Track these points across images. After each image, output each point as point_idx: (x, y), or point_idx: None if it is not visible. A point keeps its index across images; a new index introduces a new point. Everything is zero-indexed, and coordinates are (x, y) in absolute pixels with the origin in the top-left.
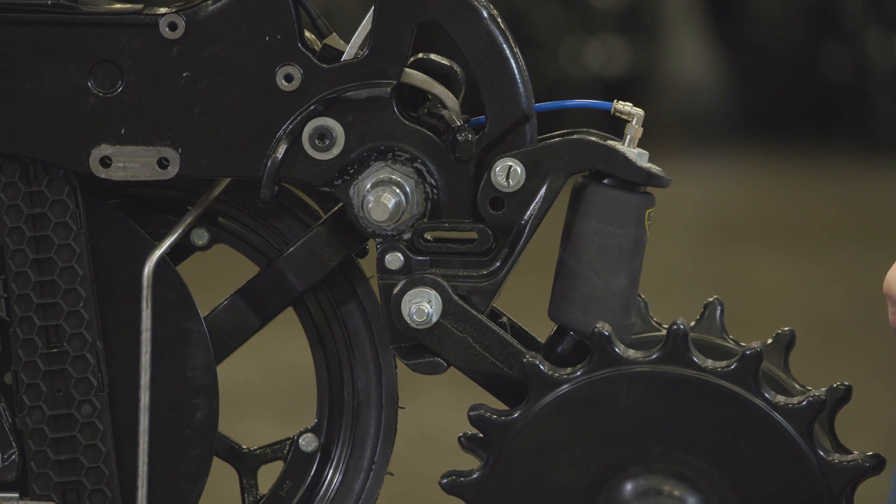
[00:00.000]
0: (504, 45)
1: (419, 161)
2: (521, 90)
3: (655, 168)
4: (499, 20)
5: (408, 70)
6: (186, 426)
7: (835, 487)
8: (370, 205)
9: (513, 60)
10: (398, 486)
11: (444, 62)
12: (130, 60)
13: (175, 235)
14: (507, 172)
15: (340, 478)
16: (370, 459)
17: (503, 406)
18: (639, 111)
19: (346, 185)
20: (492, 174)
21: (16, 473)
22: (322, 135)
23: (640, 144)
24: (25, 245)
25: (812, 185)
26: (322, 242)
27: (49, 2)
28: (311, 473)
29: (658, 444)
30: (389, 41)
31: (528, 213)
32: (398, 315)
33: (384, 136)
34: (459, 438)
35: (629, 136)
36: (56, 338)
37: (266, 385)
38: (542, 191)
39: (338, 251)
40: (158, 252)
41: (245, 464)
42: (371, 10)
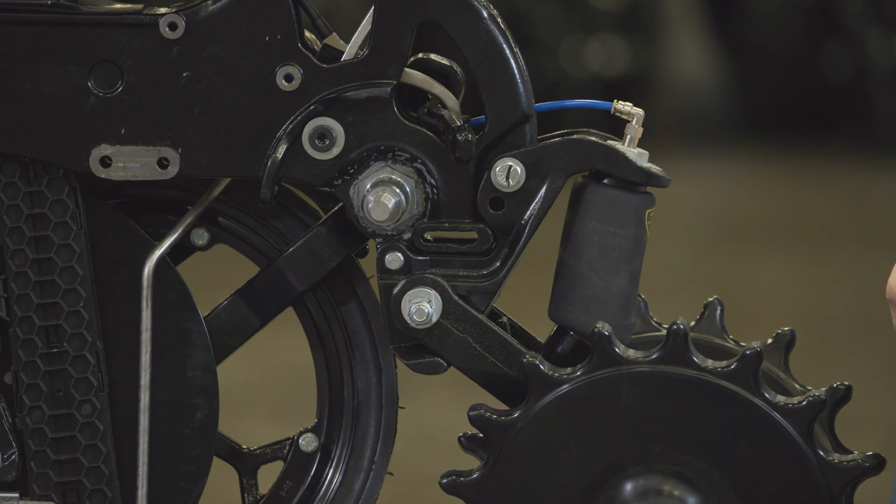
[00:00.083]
0: (504, 45)
1: (419, 161)
2: (521, 90)
3: (655, 168)
4: (499, 20)
5: (408, 70)
6: (186, 426)
7: (835, 487)
8: (370, 205)
9: (513, 60)
10: (398, 486)
11: (444, 62)
12: (130, 60)
13: (175, 235)
14: (507, 172)
15: (340, 478)
16: (370, 459)
17: (503, 406)
18: (639, 111)
19: (346, 185)
20: (492, 174)
21: (16, 473)
22: (322, 135)
23: (640, 144)
24: (25, 245)
25: (812, 185)
26: (322, 242)
27: (49, 2)
28: (311, 473)
29: (658, 444)
30: (389, 41)
31: (528, 213)
32: (398, 315)
33: (384, 136)
34: (459, 438)
35: (629, 136)
36: (56, 338)
37: (266, 385)
38: (542, 191)
39: (338, 251)
40: (158, 252)
41: (245, 464)
42: (371, 10)
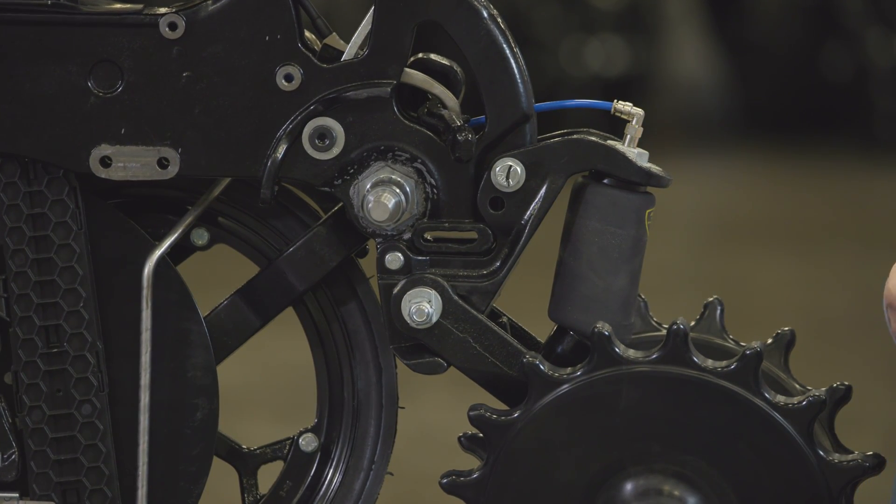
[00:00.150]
0: (504, 45)
1: (419, 161)
2: (521, 90)
3: (655, 168)
4: (499, 20)
5: (408, 70)
6: (186, 426)
7: (835, 487)
8: (370, 205)
9: (513, 60)
10: (398, 486)
11: (444, 62)
12: (130, 60)
13: (175, 235)
14: (507, 172)
15: (340, 478)
16: (370, 459)
17: (503, 406)
18: (639, 111)
19: (346, 185)
20: (492, 174)
21: (16, 473)
22: (322, 135)
23: (640, 144)
24: (25, 245)
25: (812, 185)
26: (322, 242)
27: (49, 2)
28: (311, 473)
29: (658, 444)
30: (389, 41)
31: (528, 213)
32: (398, 315)
33: (384, 136)
34: (459, 438)
35: (629, 136)
36: (56, 338)
37: (266, 385)
38: (542, 191)
39: (338, 251)
40: (158, 252)
41: (245, 464)
42: (371, 10)
